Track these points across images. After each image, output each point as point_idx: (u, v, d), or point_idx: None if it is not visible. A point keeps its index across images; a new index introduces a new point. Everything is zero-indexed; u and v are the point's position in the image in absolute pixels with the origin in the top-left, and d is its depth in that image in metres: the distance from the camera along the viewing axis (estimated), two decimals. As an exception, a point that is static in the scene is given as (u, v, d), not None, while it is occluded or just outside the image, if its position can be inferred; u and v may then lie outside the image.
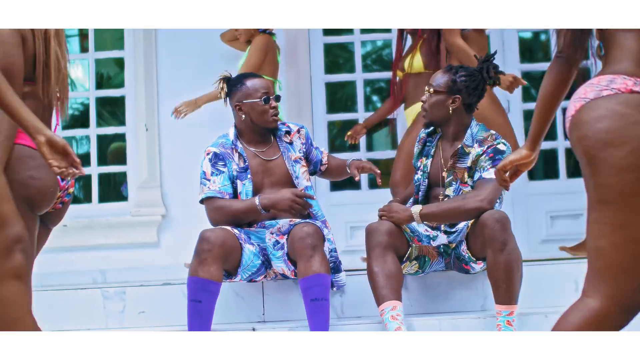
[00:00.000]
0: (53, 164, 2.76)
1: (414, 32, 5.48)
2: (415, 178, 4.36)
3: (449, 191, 4.17)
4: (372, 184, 6.60)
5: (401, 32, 5.59)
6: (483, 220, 3.90)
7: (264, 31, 5.68)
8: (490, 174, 4.03)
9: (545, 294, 4.37)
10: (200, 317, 3.87)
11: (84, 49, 9.17)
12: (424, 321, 4.02)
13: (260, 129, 4.33)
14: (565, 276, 4.42)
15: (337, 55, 10.23)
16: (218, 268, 3.92)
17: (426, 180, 4.29)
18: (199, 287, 3.88)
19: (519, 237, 6.14)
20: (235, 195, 4.24)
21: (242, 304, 4.39)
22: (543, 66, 7.70)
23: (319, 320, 3.85)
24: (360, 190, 6.63)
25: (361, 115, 6.59)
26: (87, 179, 6.76)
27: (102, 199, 6.64)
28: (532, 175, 6.84)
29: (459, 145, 4.16)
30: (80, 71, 10.16)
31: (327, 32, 6.69)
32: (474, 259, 4.09)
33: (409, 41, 5.63)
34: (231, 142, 4.30)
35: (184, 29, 6.05)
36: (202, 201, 4.24)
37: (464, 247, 4.09)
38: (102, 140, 7.30)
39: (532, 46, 10.38)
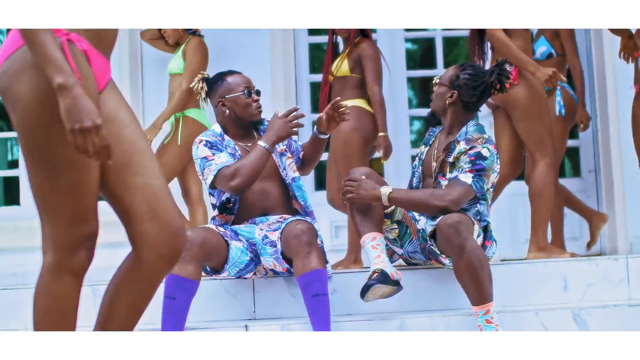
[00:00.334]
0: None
1: (347, 37, 5.50)
2: (413, 164, 4.44)
3: (435, 183, 4.22)
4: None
5: (332, 35, 5.60)
6: (439, 226, 3.95)
7: (193, 33, 5.71)
8: (466, 176, 4.05)
9: (534, 292, 4.40)
10: (173, 314, 3.88)
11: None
12: (415, 319, 4.04)
13: (244, 122, 4.37)
14: (553, 274, 4.45)
15: (315, 57, 10.23)
16: (196, 268, 3.94)
17: (420, 167, 4.34)
18: (174, 284, 3.89)
19: (503, 237, 6.22)
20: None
21: (233, 301, 4.38)
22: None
23: (321, 316, 3.86)
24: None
25: (346, 115, 6.60)
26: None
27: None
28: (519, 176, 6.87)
29: (452, 140, 4.20)
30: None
31: (312, 32, 6.71)
32: (443, 255, 4.13)
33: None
34: (220, 134, 4.34)
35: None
36: (214, 179, 4.18)
37: (433, 242, 4.12)
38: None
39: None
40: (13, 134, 6.80)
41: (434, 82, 4.34)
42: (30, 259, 5.83)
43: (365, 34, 5.51)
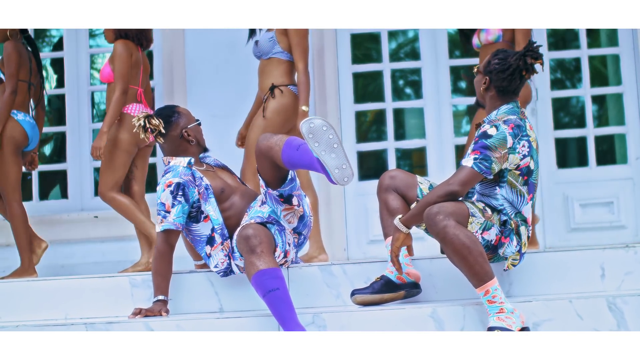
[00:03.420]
0: None
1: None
2: None
3: None
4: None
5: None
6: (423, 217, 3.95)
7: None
8: (467, 159, 4.01)
9: (571, 280, 4.35)
10: (284, 302, 3.92)
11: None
12: (447, 307, 4.02)
13: (200, 149, 4.60)
14: (591, 262, 4.39)
15: (368, 48, 10.24)
16: (272, 257, 4.05)
17: None
18: (269, 277, 3.95)
19: (548, 225, 6.15)
20: (197, 219, 4.39)
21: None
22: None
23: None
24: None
25: (389, 105, 6.59)
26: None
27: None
28: (562, 164, 6.81)
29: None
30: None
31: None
32: None
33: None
34: (190, 171, 4.44)
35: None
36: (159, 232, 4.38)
37: None
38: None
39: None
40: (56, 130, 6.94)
41: (474, 70, 4.30)
42: (79, 251, 5.95)
43: None
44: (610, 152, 7.97)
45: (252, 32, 5.46)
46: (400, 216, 4.05)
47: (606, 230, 6.17)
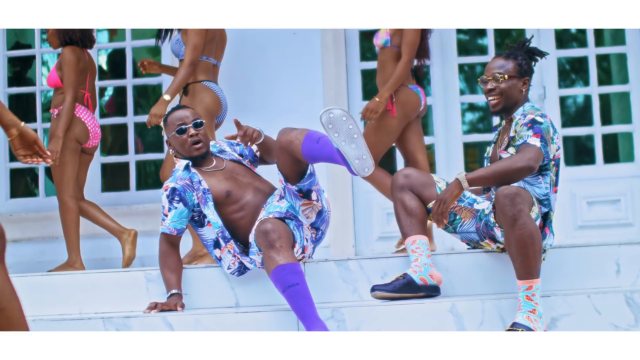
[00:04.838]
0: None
1: None
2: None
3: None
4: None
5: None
6: (496, 196, 3.89)
7: None
8: (534, 140, 4.03)
9: (588, 276, 4.37)
10: (304, 297, 3.89)
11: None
12: (466, 302, 4.02)
13: (193, 157, 4.46)
14: (606, 258, 4.41)
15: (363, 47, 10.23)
16: (291, 251, 4.02)
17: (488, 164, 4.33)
18: (288, 272, 3.92)
19: (555, 223, 6.16)
20: (201, 223, 4.38)
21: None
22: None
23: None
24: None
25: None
26: (124, 167, 6.80)
27: (139, 186, 6.68)
28: (568, 161, 6.83)
29: (510, 119, 4.23)
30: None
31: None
32: (497, 226, 4.12)
33: None
34: (188, 175, 4.39)
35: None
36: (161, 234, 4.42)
37: (493, 215, 4.12)
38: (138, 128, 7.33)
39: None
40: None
41: (500, 77, 4.23)
42: (87, 247, 5.93)
43: None
44: (612, 150, 7.99)
45: (160, 32, 5.52)
46: (464, 172, 4.03)
47: (613, 227, 6.20)
